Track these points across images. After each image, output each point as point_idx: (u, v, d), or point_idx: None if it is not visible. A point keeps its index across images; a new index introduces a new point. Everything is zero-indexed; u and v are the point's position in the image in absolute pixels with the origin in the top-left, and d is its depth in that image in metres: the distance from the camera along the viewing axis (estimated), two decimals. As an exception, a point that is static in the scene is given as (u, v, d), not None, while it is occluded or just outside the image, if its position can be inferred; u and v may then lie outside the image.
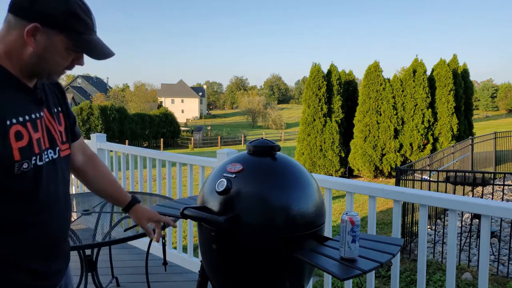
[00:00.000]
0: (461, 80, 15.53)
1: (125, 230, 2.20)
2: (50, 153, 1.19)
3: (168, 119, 40.18)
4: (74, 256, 1.91)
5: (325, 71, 15.64)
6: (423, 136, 14.56)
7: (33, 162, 1.11)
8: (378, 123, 14.68)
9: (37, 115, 1.15)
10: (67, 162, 1.29)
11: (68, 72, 1.23)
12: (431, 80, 14.99)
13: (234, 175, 1.57)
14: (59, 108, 1.29)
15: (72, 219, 2.37)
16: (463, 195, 5.74)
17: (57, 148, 1.23)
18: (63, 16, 1.07)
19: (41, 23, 1.05)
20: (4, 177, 1.06)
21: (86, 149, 1.53)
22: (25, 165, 1.08)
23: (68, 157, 1.30)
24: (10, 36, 1.08)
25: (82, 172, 1.52)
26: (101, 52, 1.14)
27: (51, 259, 1.24)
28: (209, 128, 50.16)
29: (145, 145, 34.90)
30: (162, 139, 36.69)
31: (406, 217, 6.00)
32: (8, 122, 1.05)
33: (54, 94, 1.30)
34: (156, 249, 3.56)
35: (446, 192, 8.00)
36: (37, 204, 1.14)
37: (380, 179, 14.95)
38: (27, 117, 1.11)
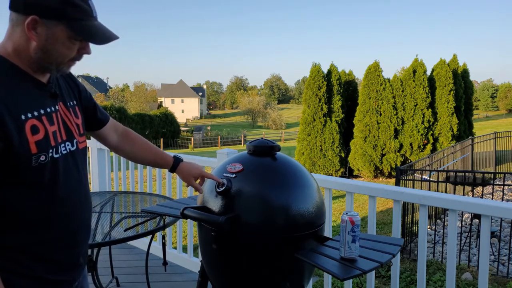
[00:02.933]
0: (461, 80, 15.52)
1: (125, 230, 2.20)
2: (68, 145, 1.22)
3: (168, 119, 40.19)
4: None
5: (325, 71, 15.63)
6: (423, 136, 14.55)
7: (50, 154, 1.13)
8: (378, 123, 14.68)
9: (52, 108, 1.18)
10: (84, 154, 1.33)
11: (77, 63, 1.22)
12: (431, 80, 14.99)
13: (234, 175, 1.57)
14: (75, 102, 1.32)
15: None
16: (463, 195, 5.74)
17: (75, 141, 1.25)
18: (60, 5, 1.07)
19: (39, 15, 1.06)
20: (24, 170, 1.08)
21: (118, 126, 1.59)
22: (42, 158, 1.11)
23: (85, 149, 1.34)
24: (15, 34, 1.10)
25: (120, 149, 1.60)
26: (104, 37, 1.13)
27: (73, 250, 1.26)
28: (209, 128, 50.18)
29: (145, 145, 34.83)
30: (162, 139, 36.69)
31: (406, 217, 6.00)
32: (23, 117, 1.07)
33: (69, 88, 1.32)
34: (156, 249, 3.56)
35: (446, 192, 8.00)
36: (58, 195, 1.17)
37: (380, 179, 14.95)
38: (42, 111, 1.13)
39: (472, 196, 6.31)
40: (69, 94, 1.30)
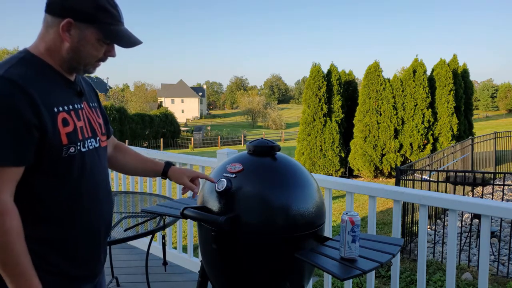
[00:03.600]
0: (461, 80, 15.53)
1: (125, 230, 2.20)
2: (92, 141, 1.29)
3: (168, 119, 40.17)
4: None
5: (325, 71, 15.64)
6: (423, 136, 14.56)
7: (78, 147, 1.21)
8: (378, 123, 14.68)
9: (79, 105, 1.27)
10: (105, 152, 1.40)
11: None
12: (431, 80, 14.99)
13: (234, 175, 1.57)
14: (96, 104, 1.40)
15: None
16: (463, 195, 5.74)
17: (98, 138, 1.33)
18: (93, 10, 1.17)
19: (73, 18, 1.16)
20: (54, 161, 1.16)
21: (114, 140, 1.64)
22: (72, 149, 1.19)
23: (106, 148, 1.41)
24: (49, 35, 1.19)
25: (113, 159, 1.61)
26: (129, 41, 1.24)
27: (95, 246, 1.31)
28: (209, 128, 50.17)
29: (145, 145, 34.88)
30: (162, 139, 36.68)
31: (406, 217, 6.00)
32: (55, 110, 1.16)
33: (90, 92, 1.41)
34: (156, 249, 3.56)
35: (446, 192, 8.00)
36: (83, 189, 1.23)
37: (380, 179, 14.95)
38: (70, 107, 1.22)
39: (472, 196, 6.31)
40: (90, 96, 1.39)
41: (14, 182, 1.11)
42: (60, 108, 1.18)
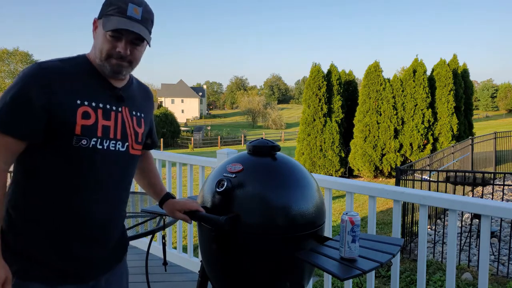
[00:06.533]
0: (461, 80, 15.53)
1: (125, 230, 2.20)
2: (118, 144, 1.32)
3: (168, 119, 40.19)
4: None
5: (325, 71, 15.63)
6: (423, 136, 14.56)
7: (92, 142, 1.25)
8: (378, 123, 14.68)
9: (113, 107, 1.32)
10: (134, 160, 1.41)
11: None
12: (431, 80, 15.00)
13: (234, 175, 1.57)
14: (143, 115, 1.44)
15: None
16: (463, 195, 5.74)
17: (127, 144, 1.35)
18: (105, 6, 1.28)
19: (97, 16, 1.30)
20: (64, 146, 1.22)
21: (150, 153, 1.74)
22: (84, 141, 1.23)
23: (137, 157, 1.43)
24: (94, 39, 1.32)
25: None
26: (112, 25, 1.24)
27: (93, 242, 1.31)
28: (209, 128, 50.17)
29: (145, 145, 34.84)
30: (162, 139, 36.67)
31: (406, 217, 6.00)
32: (78, 102, 1.23)
33: (143, 102, 1.46)
34: (156, 249, 3.56)
35: (446, 192, 8.00)
36: (82, 184, 1.26)
37: (380, 179, 14.95)
38: (101, 105, 1.28)
39: (472, 196, 6.31)
40: (140, 106, 1.43)
41: (9, 152, 1.20)
42: (85, 102, 1.24)
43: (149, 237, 2.89)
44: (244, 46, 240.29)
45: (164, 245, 1.93)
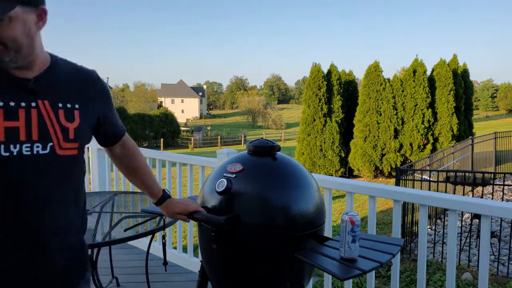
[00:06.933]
0: (461, 80, 15.53)
1: (125, 230, 2.20)
2: (37, 146, 1.09)
3: (168, 119, 40.22)
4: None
5: (325, 71, 15.63)
6: (423, 136, 14.56)
7: None
8: (378, 123, 14.68)
9: (22, 104, 1.08)
10: (69, 162, 1.19)
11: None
12: (431, 80, 14.99)
13: (234, 175, 1.57)
14: (77, 105, 1.19)
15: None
16: (463, 195, 5.74)
17: (50, 144, 1.12)
18: None
19: None
20: None
21: (127, 143, 1.51)
22: None
23: (71, 157, 1.19)
24: None
25: (119, 162, 1.53)
26: None
27: (25, 253, 1.12)
28: (209, 128, 50.18)
29: (145, 145, 34.89)
30: (162, 139, 36.69)
31: (406, 217, 6.00)
32: None
33: (82, 90, 1.23)
34: (156, 249, 3.56)
35: (446, 192, 8.00)
36: (4, 202, 1.08)
37: (380, 179, 14.95)
38: (0, 104, 1.06)
39: (472, 196, 6.31)
40: (73, 96, 1.20)
41: None
42: None
43: (149, 237, 2.89)
44: (244, 46, 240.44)
45: (164, 245, 1.93)
